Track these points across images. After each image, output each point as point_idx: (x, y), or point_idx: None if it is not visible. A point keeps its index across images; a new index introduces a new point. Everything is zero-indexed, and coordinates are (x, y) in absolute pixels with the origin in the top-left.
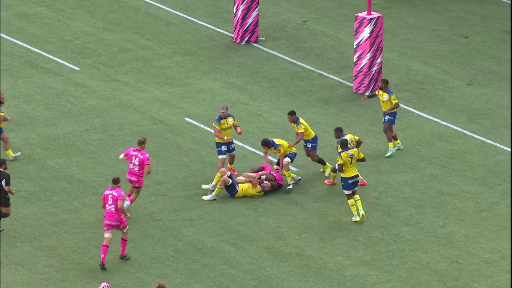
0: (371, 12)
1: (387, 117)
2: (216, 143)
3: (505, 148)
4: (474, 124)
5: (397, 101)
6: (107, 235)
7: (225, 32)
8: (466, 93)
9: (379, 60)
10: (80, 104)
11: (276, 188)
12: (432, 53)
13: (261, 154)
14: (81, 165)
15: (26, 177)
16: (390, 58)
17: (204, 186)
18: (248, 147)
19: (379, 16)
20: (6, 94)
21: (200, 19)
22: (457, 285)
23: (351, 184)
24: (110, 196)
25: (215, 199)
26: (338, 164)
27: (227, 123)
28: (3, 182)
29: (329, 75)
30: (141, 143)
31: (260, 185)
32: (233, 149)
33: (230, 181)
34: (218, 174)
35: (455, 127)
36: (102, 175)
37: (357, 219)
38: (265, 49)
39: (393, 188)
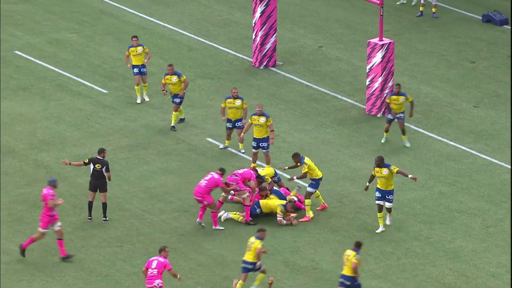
0: (383, 38)
1: (402, 115)
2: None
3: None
4: (481, 144)
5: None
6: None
7: (244, 57)
8: (473, 115)
9: (390, 84)
10: (108, 125)
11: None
12: (440, 77)
13: (280, 172)
14: (108, 183)
15: (57, 194)
16: (400, 81)
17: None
18: (265, 165)
19: (391, 42)
20: (39, 116)
21: (221, 44)
22: None
23: None
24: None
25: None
26: (398, 170)
27: (258, 121)
28: (104, 169)
29: (343, 98)
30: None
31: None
32: (263, 147)
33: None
34: (240, 216)
35: (462, 147)
36: (128, 192)
37: (384, 229)
38: (282, 73)
39: (404, 205)
